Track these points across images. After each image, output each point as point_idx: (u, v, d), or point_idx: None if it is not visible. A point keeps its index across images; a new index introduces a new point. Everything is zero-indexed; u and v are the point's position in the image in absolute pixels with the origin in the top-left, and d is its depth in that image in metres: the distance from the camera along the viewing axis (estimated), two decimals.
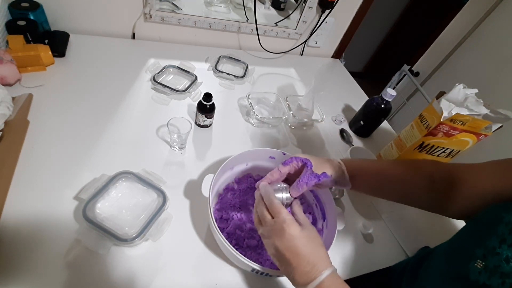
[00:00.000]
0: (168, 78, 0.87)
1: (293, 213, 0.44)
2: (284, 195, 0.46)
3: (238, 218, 0.58)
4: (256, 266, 0.45)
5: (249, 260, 0.45)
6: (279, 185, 0.47)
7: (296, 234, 0.39)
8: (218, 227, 0.48)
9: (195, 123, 0.77)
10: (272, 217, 0.42)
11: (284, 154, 0.62)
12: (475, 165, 0.45)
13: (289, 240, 0.39)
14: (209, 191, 0.52)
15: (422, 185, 0.48)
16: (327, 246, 0.50)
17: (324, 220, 0.59)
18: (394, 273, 0.62)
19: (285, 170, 0.49)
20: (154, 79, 0.81)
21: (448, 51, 1.47)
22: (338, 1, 1.02)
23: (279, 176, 0.48)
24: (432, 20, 1.90)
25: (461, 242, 0.43)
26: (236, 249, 0.46)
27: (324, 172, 0.48)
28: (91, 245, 0.48)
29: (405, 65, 1.55)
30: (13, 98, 0.61)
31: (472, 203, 0.43)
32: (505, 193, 0.39)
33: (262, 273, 0.47)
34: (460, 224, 0.78)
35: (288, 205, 0.47)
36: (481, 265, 0.35)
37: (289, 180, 0.51)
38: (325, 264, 0.39)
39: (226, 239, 0.46)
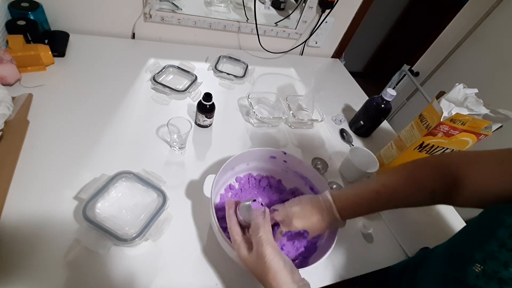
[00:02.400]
0: (168, 78, 0.87)
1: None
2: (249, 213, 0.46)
3: None
4: None
5: None
6: (247, 203, 0.47)
7: (243, 257, 0.43)
8: (220, 227, 0.48)
9: (195, 123, 0.77)
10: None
11: (285, 153, 0.62)
12: (475, 162, 0.43)
13: (242, 261, 0.43)
14: (211, 191, 0.52)
15: (423, 199, 0.46)
16: (328, 246, 0.50)
17: None
18: (391, 274, 0.62)
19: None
20: (154, 79, 0.81)
21: (448, 51, 1.47)
22: (338, 1, 1.02)
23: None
24: (432, 20, 1.90)
25: (460, 244, 0.42)
26: None
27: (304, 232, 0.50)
28: (91, 245, 0.48)
29: (405, 65, 1.55)
30: (13, 98, 0.61)
31: (474, 202, 0.42)
32: (506, 193, 0.38)
33: None
34: (460, 225, 0.78)
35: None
36: (480, 269, 0.34)
37: None
38: None
39: (228, 238, 0.46)
